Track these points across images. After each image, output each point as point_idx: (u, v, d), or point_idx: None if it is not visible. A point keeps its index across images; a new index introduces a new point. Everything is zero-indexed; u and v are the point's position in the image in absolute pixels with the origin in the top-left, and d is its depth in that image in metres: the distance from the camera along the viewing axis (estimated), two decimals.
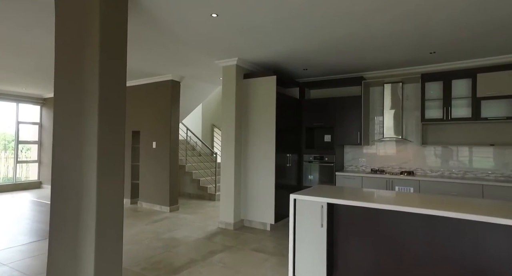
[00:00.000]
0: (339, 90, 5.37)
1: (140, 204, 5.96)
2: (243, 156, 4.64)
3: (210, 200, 6.73)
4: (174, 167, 5.69)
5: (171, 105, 5.64)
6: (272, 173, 4.39)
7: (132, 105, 6.20)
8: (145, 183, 5.91)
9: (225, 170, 4.57)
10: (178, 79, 5.73)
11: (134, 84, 6.13)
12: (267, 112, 4.44)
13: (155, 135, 5.81)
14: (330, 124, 4.98)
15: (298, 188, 5.14)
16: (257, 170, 4.51)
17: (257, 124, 4.53)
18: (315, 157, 5.07)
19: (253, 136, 4.56)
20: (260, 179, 4.49)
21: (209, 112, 8.64)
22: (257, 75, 4.55)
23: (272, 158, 4.39)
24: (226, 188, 4.55)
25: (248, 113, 4.61)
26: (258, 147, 4.51)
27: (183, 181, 7.27)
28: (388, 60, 4.30)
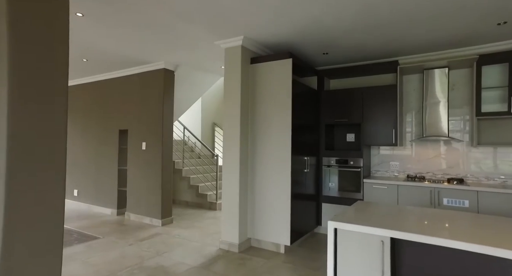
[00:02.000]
0: (366, 79, 4.47)
1: (128, 215, 5.08)
2: (250, 159, 3.75)
3: (210, 210, 5.83)
4: (167, 172, 4.80)
5: (164, 99, 4.76)
6: (287, 180, 3.49)
7: (118, 100, 5.32)
8: (134, 191, 5.02)
9: (228, 177, 3.67)
10: (172, 67, 4.85)
11: (120, 75, 5.26)
12: (281, 105, 3.55)
13: (145, 134, 4.93)
14: (356, 120, 4.08)
15: (316, 198, 4.23)
16: (268, 177, 3.61)
17: (268, 120, 3.63)
18: (338, 161, 4.17)
19: (263, 135, 3.66)
20: (272, 188, 3.59)
21: (209, 109, 7.75)
22: (268, 58, 3.65)
23: (287, 161, 3.49)
24: (229, 199, 3.65)
25: (257, 107, 3.72)
26: (270, 148, 3.61)
27: (180, 188, 6.38)
28: (434, 39, 3.40)
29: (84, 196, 5.77)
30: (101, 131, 5.58)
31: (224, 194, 3.70)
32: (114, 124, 5.37)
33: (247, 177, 3.73)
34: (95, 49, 4.07)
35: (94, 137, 5.68)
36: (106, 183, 5.43)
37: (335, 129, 4.64)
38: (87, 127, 5.80)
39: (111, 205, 5.35)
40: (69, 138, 6.08)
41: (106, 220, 4.94)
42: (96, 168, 5.60)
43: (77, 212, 5.44)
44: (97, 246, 3.66)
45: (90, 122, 5.76)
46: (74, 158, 5.96)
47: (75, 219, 4.98)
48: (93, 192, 5.63)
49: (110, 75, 5.41)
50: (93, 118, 5.72)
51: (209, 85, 5.78)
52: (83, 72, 5.35)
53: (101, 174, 5.51)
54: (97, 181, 5.58)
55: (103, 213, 5.38)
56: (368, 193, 3.89)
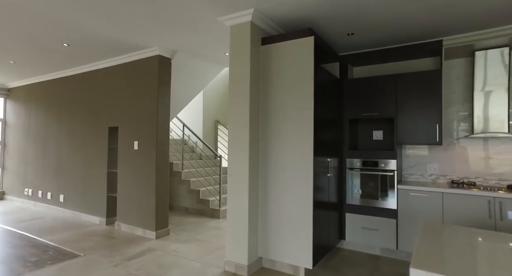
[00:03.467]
0: (397, 66, 3.78)
1: (118, 226, 4.41)
2: (262, 162, 3.07)
3: (212, 217, 5.16)
4: (163, 175, 4.14)
5: (159, 91, 4.09)
6: (308, 186, 2.80)
7: (106, 94, 4.66)
8: (125, 198, 4.36)
9: (235, 184, 3.00)
10: (168, 54, 4.19)
11: (108, 65, 4.59)
12: (300, 97, 2.87)
13: (137, 132, 4.27)
14: (389, 113, 3.39)
15: (339, 207, 3.55)
16: (284, 183, 2.94)
17: (284, 115, 2.96)
18: (364, 163, 3.48)
19: (278, 134, 2.99)
20: (289, 197, 2.91)
21: (212, 105, 7.09)
22: (284, 37, 2.97)
23: (308, 164, 2.81)
24: (237, 211, 2.98)
25: (270, 99, 3.05)
26: (287, 149, 2.93)
27: (178, 192, 5.72)
28: (494, 9, 2.71)
29: (71, 202, 5.12)
30: (88, 130, 4.92)
31: (230, 205, 3.02)
32: (103, 121, 4.72)
33: (257, 184, 3.06)
34: (78, 30, 3.41)
35: (81, 136, 5.03)
36: (94, 188, 4.77)
37: (358, 125, 3.95)
38: (74, 125, 5.14)
39: (99, 213, 4.69)
40: (55, 138, 5.43)
41: (93, 231, 4.28)
42: (84, 171, 4.94)
43: (62, 221, 4.79)
44: (74, 268, 3.00)
45: (77, 120, 5.11)
46: (60, 160, 5.31)
47: (58, 229, 4.33)
48: (80, 198, 4.98)
49: (96, 65, 4.75)
50: (79, 115, 5.07)
51: (211, 77, 5.11)
52: (66, 62, 4.70)
53: (89, 177, 4.86)
54: (84, 186, 4.92)
55: (91, 222, 4.72)
56: (404, 202, 3.21)
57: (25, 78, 5.95)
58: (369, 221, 3.42)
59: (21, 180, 6.15)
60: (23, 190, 6.07)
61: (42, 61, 4.71)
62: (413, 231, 3.15)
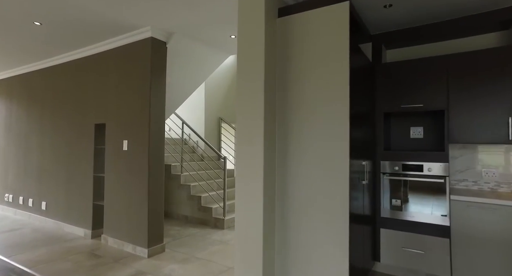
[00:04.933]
0: (444, 46, 3.09)
1: (105, 239, 3.76)
2: (280, 168, 2.40)
3: (216, 228, 4.50)
4: (157, 181, 3.48)
5: (152, 81, 3.44)
6: (343, 196, 2.13)
7: (92, 84, 4.01)
8: (113, 206, 3.71)
9: (246, 196, 2.33)
10: (162, 37, 3.53)
11: (92, 51, 3.94)
12: (331, 83, 2.20)
13: (127, 129, 3.62)
14: (438, 104, 2.70)
15: (371, 221, 2.87)
16: (310, 193, 2.26)
17: (310, 107, 2.28)
18: (405, 167, 2.80)
19: (301, 129, 2.31)
20: (316, 210, 2.23)
21: (215, 101, 6.42)
22: (308, 5, 2.30)
23: (342, 169, 2.13)
24: (247, 222, 2.31)
25: (290, 87, 2.37)
26: (314, 150, 2.26)
27: (177, 198, 5.06)
28: None
29: (53, 211, 4.47)
30: (72, 127, 4.27)
31: (240, 216, 2.35)
32: (89, 117, 4.06)
33: (274, 189, 2.38)
34: (51, 3, 2.76)
35: (64, 135, 4.38)
36: (79, 195, 4.12)
37: (391, 121, 3.27)
38: (57, 123, 4.50)
39: (84, 224, 4.04)
40: (37, 137, 4.79)
41: (75, 246, 3.63)
42: (67, 175, 4.30)
43: (42, 234, 4.14)
44: None
45: (60, 117, 4.46)
46: (42, 161, 4.67)
47: (34, 244, 3.68)
48: (63, 207, 4.33)
49: (79, 53, 4.09)
50: (63, 111, 4.42)
51: (214, 66, 4.44)
52: (44, 49, 4.04)
53: (73, 183, 4.21)
54: (68, 192, 4.27)
55: (75, 235, 4.07)
56: (459, 217, 2.52)
57: (3, 71, 5.32)
58: (412, 239, 2.74)
59: (0, 185, 5.52)
60: (3, 196, 5.44)
61: (16, 48, 4.06)
62: (475, 255, 2.46)
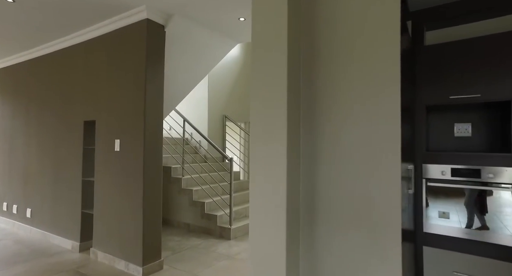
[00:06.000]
0: (493, 24, 2.56)
1: (94, 254, 3.27)
2: (305, 170, 1.89)
3: (221, 239, 4.00)
4: (154, 186, 2.98)
5: (148, 70, 2.94)
6: (394, 209, 1.61)
7: (81, 76, 3.52)
8: (103, 216, 3.22)
9: (263, 214, 1.82)
10: (160, 19, 3.03)
11: (81, 38, 3.45)
12: (377, 72, 1.69)
13: (119, 127, 3.13)
14: (501, 94, 2.18)
15: (412, 237, 2.35)
16: (348, 206, 1.75)
17: (346, 100, 1.77)
18: (456, 172, 2.28)
19: (334, 124, 1.80)
20: (356, 227, 1.72)
21: (219, 98, 5.92)
22: None
23: (393, 175, 1.62)
24: (264, 245, 1.80)
25: (320, 76, 1.86)
26: (351, 148, 1.75)
27: (178, 204, 4.56)
28: None
29: (39, 219, 3.99)
30: (59, 125, 3.79)
31: (254, 237, 1.85)
32: (77, 113, 3.58)
33: (299, 207, 1.88)
34: None
35: (51, 134, 3.89)
36: (66, 202, 3.63)
37: (431, 116, 2.75)
38: (43, 120, 4.02)
39: (72, 235, 3.55)
40: (23, 136, 4.31)
41: (60, 262, 3.15)
42: (54, 179, 3.81)
43: (26, 245, 3.66)
44: None
45: (46, 114, 3.97)
46: (28, 163, 4.19)
47: (14, 260, 3.20)
48: (50, 215, 3.85)
49: (65, 41, 3.60)
50: (50, 106, 3.93)
51: (219, 56, 3.94)
52: (27, 35, 3.56)
53: (60, 188, 3.72)
54: (55, 199, 3.79)
55: (61, 248, 3.58)
56: None
57: None
58: (466, 262, 2.21)
59: None
60: None
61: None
62: None
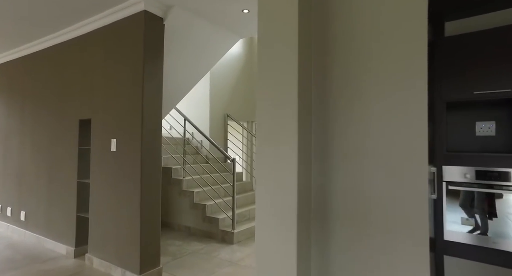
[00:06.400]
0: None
1: (90, 260, 3.10)
2: (317, 172, 1.70)
3: (224, 243, 3.82)
4: (152, 188, 2.81)
5: (146, 65, 2.77)
6: (420, 215, 1.44)
7: (76, 72, 3.36)
8: (99, 220, 3.05)
9: (269, 213, 1.64)
10: (159, 11, 2.86)
11: (76, 33, 3.28)
12: (399, 63, 1.50)
13: (116, 126, 2.95)
14: None
15: (431, 244, 2.15)
16: (362, 211, 1.56)
17: (363, 95, 1.58)
18: (481, 174, 2.08)
19: (351, 124, 1.62)
20: (377, 234, 1.53)
21: (221, 96, 5.75)
22: None
23: (419, 178, 1.45)
24: (272, 256, 1.62)
25: (334, 69, 1.68)
26: (371, 149, 1.56)
27: (178, 207, 4.39)
28: None
29: (33, 222, 3.82)
30: (54, 124, 3.62)
31: (262, 253, 1.66)
32: (72, 111, 3.41)
33: (310, 213, 1.69)
34: None
35: (46, 133, 3.73)
36: (61, 204, 3.47)
37: (450, 113, 2.55)
38: (38, 119, 3.85)
39: (67, 240, 3.38)
40: (18, 135, 4.15)
41: (53, 269, 2.98)
42: (49, 181, 3.64)
43: (19, 250, 3.50)
44: None
45: (41, 113, 3.81)
46: (23, 163, 4.02)
47: (6, 266, 3.03)
48: (44, 218, 3.68)
49: (60, 36, 3.43)
50: (45, 104, 3.77)
51: (221, 52, 3.76)
52: (19, 28, 3.39)
53: (55, 189, 3.56)
54: (50, 201, 3.62)
55: (56, 253, 3.41)
56: None
57: None
58: (486, 272, 2.02)
59: None
60: None
61: None
62: None
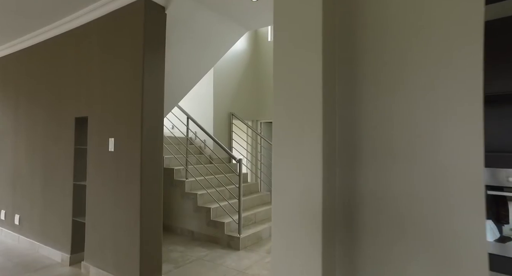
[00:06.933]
0: None
1: (86, 269, 2.88)
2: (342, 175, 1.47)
3: (229, 249, 3.59)
4: (153, 191, 2.59)
5: (146, 58, 2.55)
6: (477, 227, 1.18)
7: (72, 66, 3.14)
8: (96, 225, 2.83)
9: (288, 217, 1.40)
10: (161, 0, 2.64)
11: (72, 24, 3.06)
12: (451, 41, 1.25)
13: (113, 125, 2.73)
14: None
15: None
16: (396, 223, 1.32)
17: (407, 78, 1.34)
18: None
19: (392, 113, 1.37)
20: (420, 250, 1.29)
21: (225, 94, 5.53)
22: None
23: (473, 183, 1.19)
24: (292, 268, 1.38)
25: (365, 57, 1.43)
26: (409, 149, 1.32)
27: (181, 210, 4.17)
28: None
29: (27, 226, 3.61)
30: (49, 123, 3.41)
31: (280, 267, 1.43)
32: (68, 109, 3.19)
33: (333, 229, 1.46)
34: None
35: (40, 133, 3.52)
36: (57, 208, 3.25)
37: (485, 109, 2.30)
38: (32, 118, 3.64)
39: (62, 246, 3.16)
40: (13, 134, 3.94)
41: None
42: (43, 182, 3.43)
43: (12, 256, 3.28)
44: None
45: (36, 111, 3.60)
46: (17, 164, 3.82)
47: None
48: (39, 222, 3.47)
49: (55, 28, 3.21)
50: (39, 103, 3.56)
51: (227, 45, 3.53)
52: (11, 19, 3.18)
53: (50, 192, 3.34)
54: (44, 205, 3.41)
55: (51, 260, 3.20)
56: None
57: None
58: None
59: None
60: None
61: None
62: None
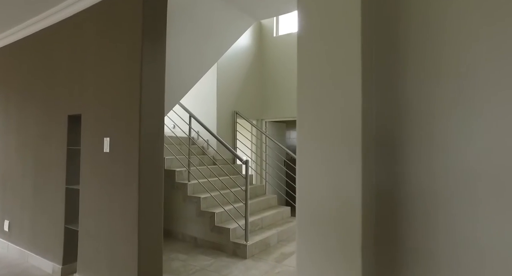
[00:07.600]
0: None
1: None
2: (382, 174, 1.20)
3: (235, 257, 3.32)
4: (152, 195, 2.32)
5: (144, 50, 2.28)
6: None
7: (65, 60, 2.89)
8: (90, 233, 2.56)
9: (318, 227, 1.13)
10: None
11: (65, 13, 2.80)
12: None
13: (109, 123, 2.47)
14: None
15: None
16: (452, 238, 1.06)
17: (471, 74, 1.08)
18: None
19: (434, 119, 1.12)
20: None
21: (229, 92, 5.26)
22: None
23: None
24: None
25: (420, 46, 1.18)
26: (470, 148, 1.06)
27: (183, 214, 3.90)
28: None
29: (17, 233, 3.35)
30: (41, 120, 3.15)
31: None
32: (60, 106, 2.93)
33: (371, 244, 1.19)
34: None
35: (31, 132, 3.26)
36: (48, 214, 2.99)
37: None
38: (23, 116, 3.38)
39: (53, 255, 2.89)
40: (2, 134, 3.68)
41: None
42: (34, 186, 3.17)
43: (0, 266, 3.02)
44: None
45: (27, 108, 3.34)
46: (7, 166, 3.56)
47: None
48: (29, 230, 3.20)
49: (48, 18, 2.95)
50: (31, 99, 3.30)
51: (233, 36, 3.27)
52: None
53: (41, 197, 3.08)
54: (35, 210, 3.15)
55: (41, 271, 2.93)
56: None
57: None
58: None
59: None
60: None
61: None
62: None
